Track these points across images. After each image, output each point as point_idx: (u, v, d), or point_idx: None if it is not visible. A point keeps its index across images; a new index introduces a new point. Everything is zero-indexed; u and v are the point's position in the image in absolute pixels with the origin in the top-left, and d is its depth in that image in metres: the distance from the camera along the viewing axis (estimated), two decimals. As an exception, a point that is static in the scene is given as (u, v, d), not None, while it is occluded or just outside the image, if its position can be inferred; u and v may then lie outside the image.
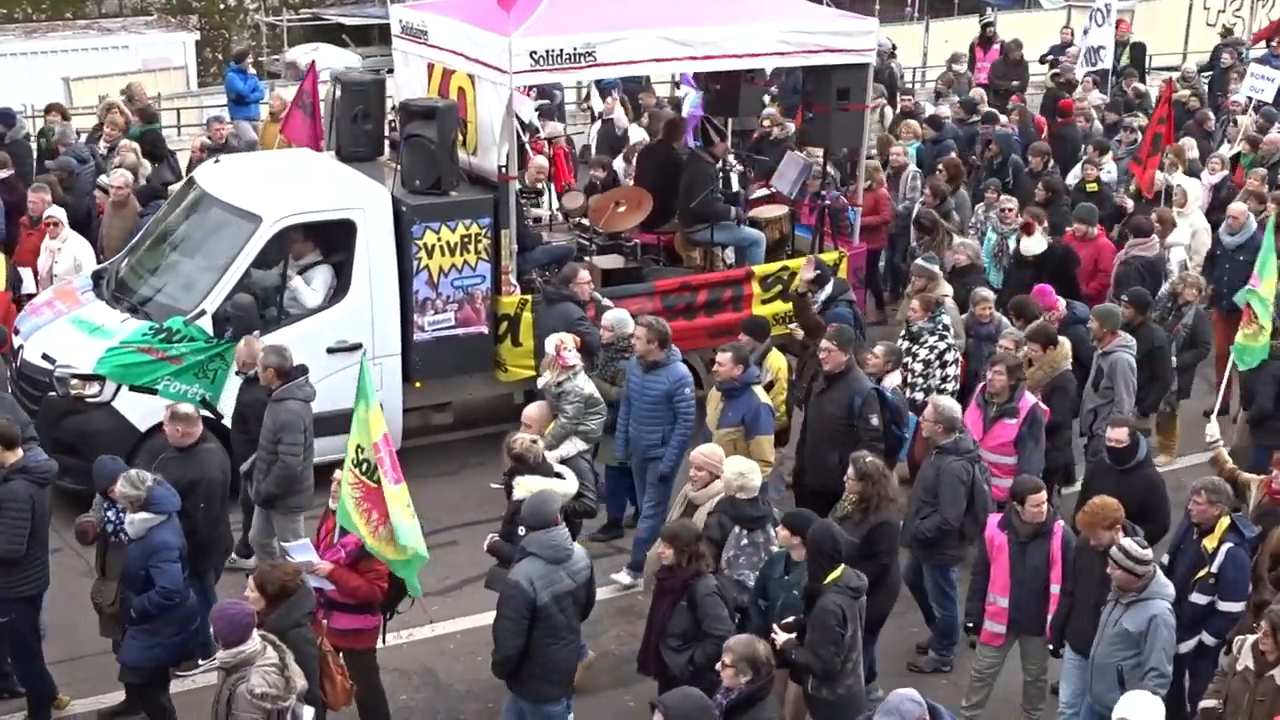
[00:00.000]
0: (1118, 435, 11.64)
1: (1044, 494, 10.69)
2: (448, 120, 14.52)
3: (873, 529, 10.67)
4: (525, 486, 10.66)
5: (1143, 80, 25.40)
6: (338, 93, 15.81)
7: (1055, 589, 10.62)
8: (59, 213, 15.85)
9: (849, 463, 10.97)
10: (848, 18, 17.07)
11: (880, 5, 36.83)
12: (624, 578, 12.96)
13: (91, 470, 12.95)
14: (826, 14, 16.73)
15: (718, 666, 8.73)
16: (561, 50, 14.44)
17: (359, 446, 9.93)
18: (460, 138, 14.97)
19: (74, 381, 13.47)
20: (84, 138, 19.58)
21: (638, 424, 12.89)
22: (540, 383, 12.88)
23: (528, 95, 17.94)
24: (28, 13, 39.34)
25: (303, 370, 12.26)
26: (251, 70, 24.22)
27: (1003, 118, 21.51)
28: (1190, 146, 20.10)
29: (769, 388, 13.08)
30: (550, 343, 12.73)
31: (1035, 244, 16.09)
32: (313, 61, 21.96)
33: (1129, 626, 9.68)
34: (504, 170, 14.59)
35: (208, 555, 11.32)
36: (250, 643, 8.60)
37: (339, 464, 10.46)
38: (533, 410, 12.12)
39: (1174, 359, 14.68)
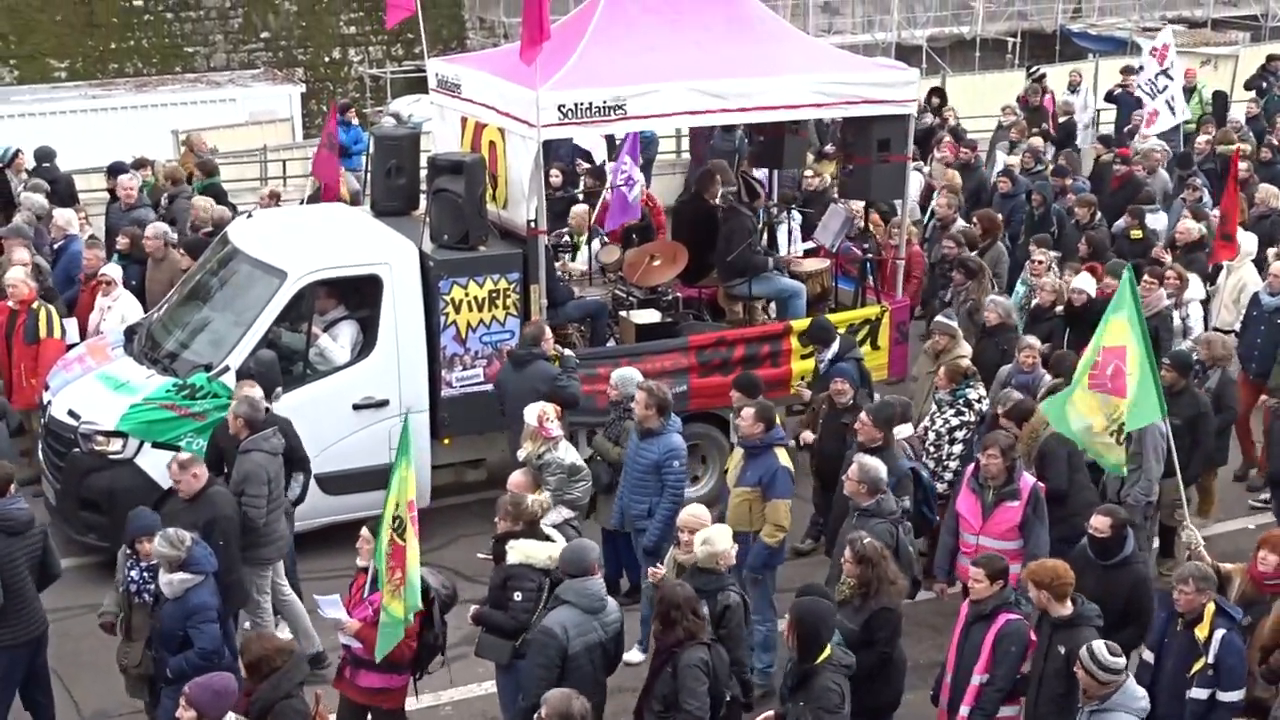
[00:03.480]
0: (1099, 524, 10.57)
1: (982, 571, 9.90)
2: (475, 174, 14.37)
3: (872, 615, 9.97)
4: (521, 550, 10.44)
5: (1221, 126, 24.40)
6: (373, 147, 15.80)
7: (977, 679, 9.80)
8: (113, 271, 15.90)
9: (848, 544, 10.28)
10: (889, 68, 16.64)
11: (980, 53, 36.40)
12: (634, 655, 12.13)
13: (116, 525, 13.17)
14: (866, 64, 16.31)
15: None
16: (590, 104, 14.23)
17: (397, 504, 9.73)
18: (490, 192, 14.84)
19: (97, 438, 13.48)
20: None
21: (629, 490, 12.52)
22: (520, 455, 12.42)
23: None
24: (138, 67, 40.22)
25: (272, 422, 12.14)
26: (355, 122, 24.42)
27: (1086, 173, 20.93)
28: (1275, 196, 19.37)
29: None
30: (531, 414, 12.27)
31: (1086, 282, 15.51)
32: (333, 101, 21.93)
33: None
34: (533, 225, 14.41)
35: (228, 598, 11.12)
36: None
37: (365, 521, 10.41)
38: (519, 477, 11.60)
39: None
